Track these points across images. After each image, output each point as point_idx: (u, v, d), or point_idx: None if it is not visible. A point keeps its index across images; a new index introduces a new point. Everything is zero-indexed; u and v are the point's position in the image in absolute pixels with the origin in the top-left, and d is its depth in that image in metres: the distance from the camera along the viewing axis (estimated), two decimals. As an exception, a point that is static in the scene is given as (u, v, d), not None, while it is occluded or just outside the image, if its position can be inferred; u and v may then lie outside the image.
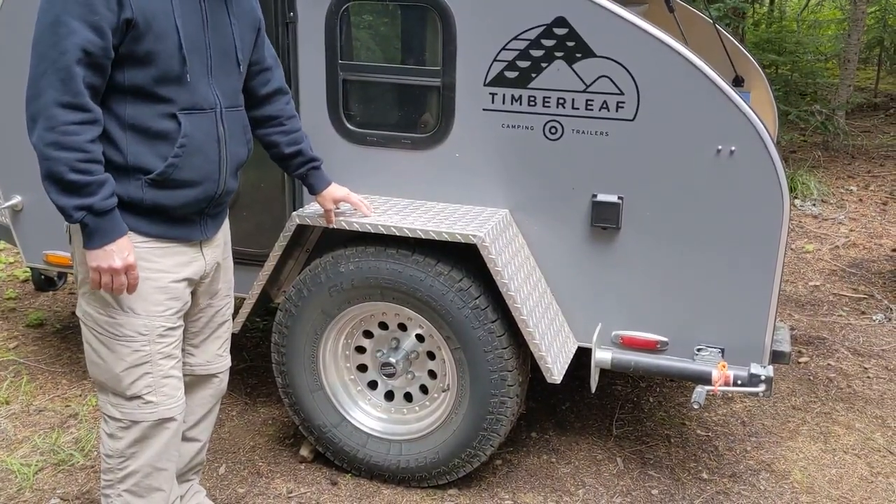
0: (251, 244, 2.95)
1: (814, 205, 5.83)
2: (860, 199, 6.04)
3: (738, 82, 3.90)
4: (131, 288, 2.02)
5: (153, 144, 1.98)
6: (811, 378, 3.60)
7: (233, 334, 2.50)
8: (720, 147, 2.44)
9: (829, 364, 3.73)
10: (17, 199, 3.21)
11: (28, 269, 4.50)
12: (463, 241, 2.49)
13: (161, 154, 1.98)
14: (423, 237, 2.52)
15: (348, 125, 2.76)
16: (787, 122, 6.95)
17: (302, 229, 2.74)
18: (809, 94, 8.26)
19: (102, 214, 1.92)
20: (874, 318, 4.20)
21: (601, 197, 2.58)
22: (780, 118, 6.72)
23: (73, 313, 4.25)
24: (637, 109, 2.49)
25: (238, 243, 2.96)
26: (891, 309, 4.29)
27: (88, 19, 1.83)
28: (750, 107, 2.45)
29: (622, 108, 2.50)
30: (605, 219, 2.59)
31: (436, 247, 2.59)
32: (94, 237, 1.94)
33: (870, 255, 5.02)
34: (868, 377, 3.62)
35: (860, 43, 7.50)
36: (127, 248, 1.98)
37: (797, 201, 5.86)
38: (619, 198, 2.57)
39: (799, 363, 3.73)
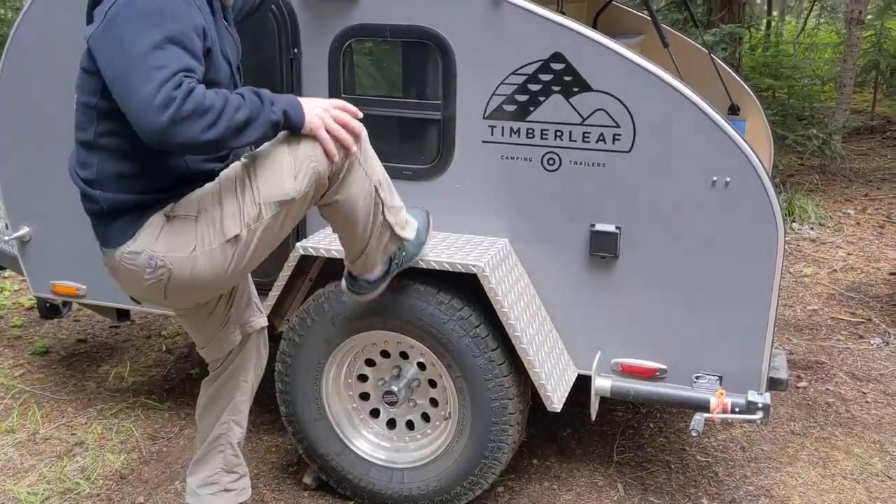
0: (255, 274, 2.99)
1: (811, 228, 5.88)
2: (857, 223, 6.09)
3: (733, 110, 3.96)
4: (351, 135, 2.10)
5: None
6: (810, 403, 3.63)
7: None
8: (715, 178, 2.49)
9: (827, 389, 3.76)
10: (24, 230, 3.26)
11: (33, 297, 4.55)
12: (464, 271, 2.53)
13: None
14: (425, 267, 2.57)
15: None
16: (784, 147, 7.01)
17: (305, 259, 2.79)
18: (806, 117, 8.33)
19: (271, 100, 1.96)
20: (872, 342, 4.24)
21: (599, 227, 2.63)
22: (777, 142, 6.79)
23: (79, 340, 4.29)
24: (633, 141, 2.54)
25: (242, 273, 3.01)
26: (889, 333, 4.32)
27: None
28: (744, 137, 2.50)
29: (618, 140, 2.56)
30: (603, 248, 2.64)
31: (437, 276, 2.63)
32: (297, 111, 2.01)
33: (867, 279, 5.06)
34: (866, 402, 3.65)
35: (856, 67, 7.58)
36: (313, 99, 2.09)
37: (795, 225, 5.91)
38: (616, 227, 2.62)
39: (798, 388, 3.76)
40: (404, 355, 2.82)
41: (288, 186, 2.07)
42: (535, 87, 2.59)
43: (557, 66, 2.55)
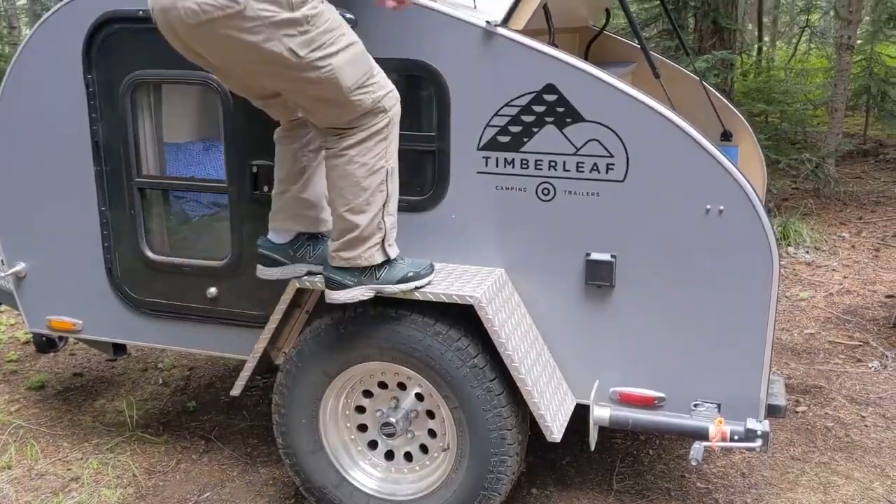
0: (252, 306, 2.99)
1: (807, 252, 5.90)
2: (853, 246, 6.11)
3: (726, 136, 3.98)
4: None
5: None
6: (809, 428, 3.62)
7: (232, 395, 2.56)
8: (709, 206, 2.50)
9: (826, 413, 3.75)
10: (20, 266, 3.26)
11: (29, 332, 4.53)
12: (460, 302, 2.53)
13: None
14: (421, 298, 2.57)
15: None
16: (777, 171, 7.05)
17: (301, 292, 2.79)
18: (799, 141, 8.39)
19: None
20: (870, 365, 4.24)
21: (595, 255, 2.64)
22: (770, 167, 6.83)
23: (76, 374, 4.28)
24: (627, 171, 2.56)
25: (239, 305, 3.02)
26: (886, 356, 4.32)
27: None
28: (737, 165, 2.52)
29: (612, 169, 2.57)
30: (599, 277, 2.64)
31: (434, 306, 2.63)
32: None
33: (864, 302, 5.07)
34: (866, 426, 3.64)
35: (847, 92, 7.64)
36: None
37: (790, 248, 5.93)
38: (612, 256, 2.63)
39: (797, 413, 3.76)
40: (402, 386, 2.81)
41: None
42: (528, 118, 2.61)
43: (550, 98, 2.57)
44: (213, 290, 3.03)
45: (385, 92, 2.44)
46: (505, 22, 2.59)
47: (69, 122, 3.04)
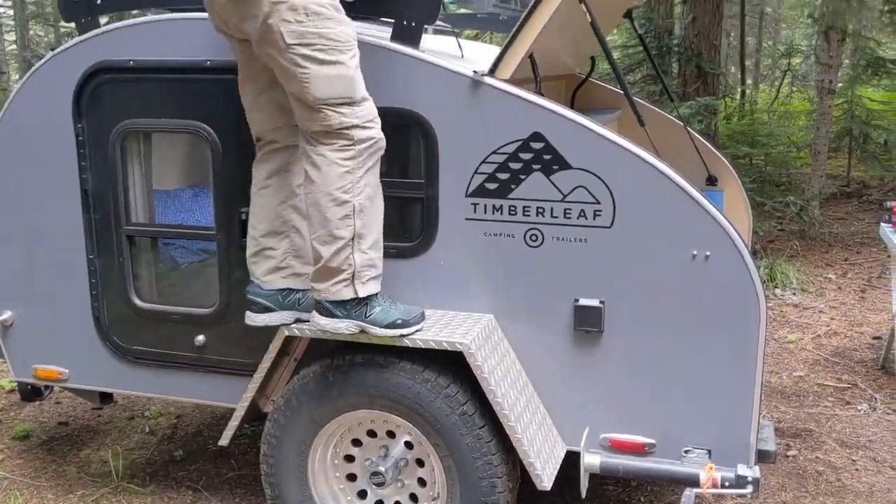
0: (240, 353, 2.98)
1: (794, 294, 5.93)
2: (839, 287, 6.15)
3: (711, 181, 4.03)
4: None
5: None
6: (800, 472, 3.61)
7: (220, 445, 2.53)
8: (695, 252, 2.53)
9: (817, 457, 3.74)
10: (6, 315, 3.24)
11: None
12: (450, 349, 2.53)
13: None
14: (410, 345, 2.57)
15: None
16: (763, 213, 7.12)
17: (290, 339, 2.78)
18: (784, 183, 8.49)
19: None
20: (859, 408, 4.24)
21: (583, 301, 2.65)
22: (755, 209, 6.89)
23: (61, 423, 4.23)
24: (613, 217, 2.58)
25: (227, 353, 3.00)
26: (875, 398, 4.33)
27: None
28: (722, 210, 2.55)
29: (599, 216, 2.60)
30: (587, 323, 2.65)
31: (423, 353, 2.63)
32: None
33: (852, 344, 5.09)
34: (856, 469, 3.63)
35: (829, 134, 7.76)
36: None
37: (777, 290, 5.96)
38: (600, 302, 2.64)
39: (788, 457, 3.74)
40: (391, 434, 2.79)
41: None
42: (516, 166, 2.64)
43: (537, 145, 2.60)
44: (200, 338, 3.02)
45: (357, 122, 2.46)
46: (492, 72, 2.63)
47: (58, 171, 3.05)
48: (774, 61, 14.50)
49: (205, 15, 2.83)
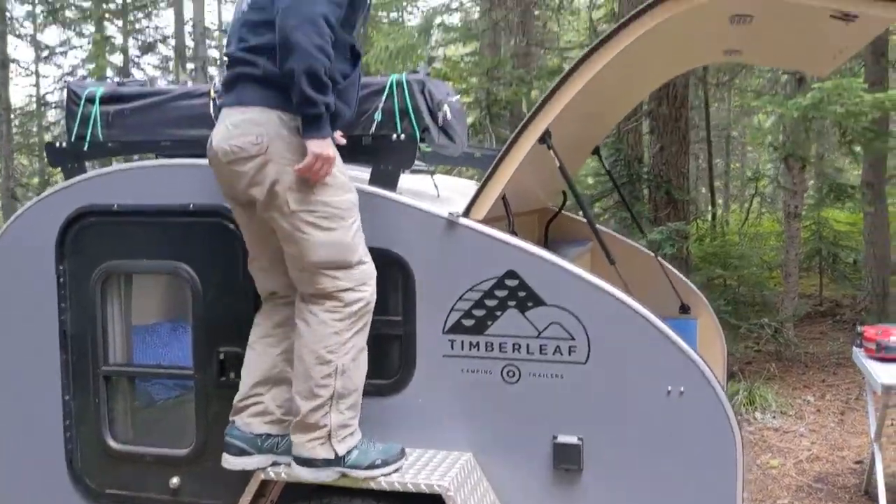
0: (215, 496, 2.92)
1: (774, 417, 5.93)
2: (818, 410, 6.16)
3: (684, 310, 4.10)
4: (326, 175, 2.47)
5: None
6: None
7: None
8: (670, 388, 2.56)
9: (806, 591, 3.66)
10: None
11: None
12: (428, 492, 2.51)
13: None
14: (388, 489, 2.54)
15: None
16: (738, 335, 7.20)
17: (266, 482, 2.74)
18: (758, 304, 8.61)
19: (328, 113, 2.43)
20: (846, 536, 4.18)
21: (561, 438, 2.65)
22: (731, 331, 6.97)
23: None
24: (588, 353, 2.62)
25: (202, 495, 2.94)
26: (861, 526, 4.27)
27: None
28: (696, 338, 2.60)
29: (574, 352, 2.64)
30: (567, 460, 2.64)
31: (402, 495, 2.59)
32: (322, 129, 2.43)
33: (833, 469, 5.06)
34: None
35: (799, 256, 7.95)
36: (331, 143, 2.48)
37: (757, 414, 5.96)
38: (579, 439, 2.64)
39: (776, 591, 3.66)
40: (370, 579, 2.71)
41: None
42: (491, 303, 2.69)
43: (512, 283, 2.67)
44: (175, 481, 2.96)
45: (351, 286, 2.54)
46: (467, 212, 2.72)
47: (38, 312, 3.07)
48: (743, 183, 14.98)
49: (189, 161, 2.94)
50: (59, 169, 3.16)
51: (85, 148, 3.11)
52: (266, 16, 2.47)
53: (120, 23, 18.72)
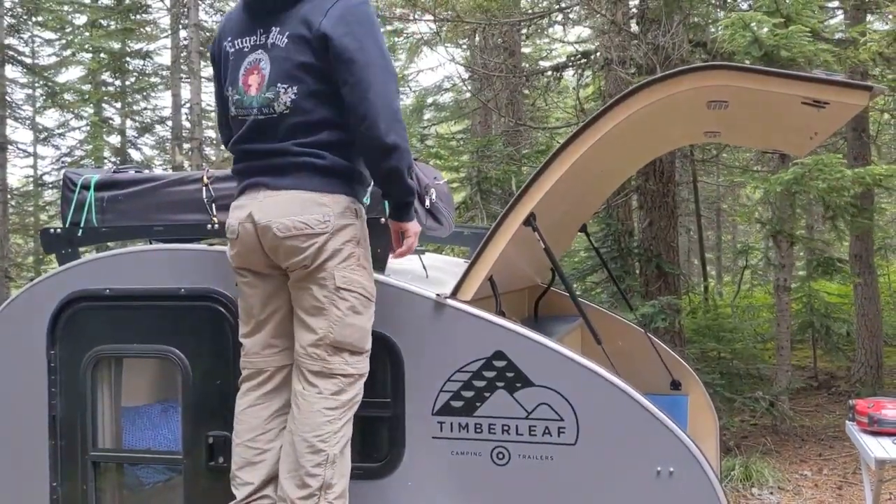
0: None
1: (771, 493, 5.86)
2: (815, 485, 6.10)
3: (675, 386, 4.11)
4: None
5: None
6: None
7: None
8: (659, 469, 2.56)
9: None
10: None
11: None
12: (418, 578, 2.48)
13: None
14: (378, 576, 2.51)
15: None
16: (733, 408, 7.17)
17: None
18: (753, 376, 8.60)
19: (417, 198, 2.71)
20: None
21: (552, 521, 2.63)
22: (726, 405, 6.95)
23: None
24: (578, 434, 2.63)
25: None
26: None
27: None
28: (686, 416, 2.61)
29: (563, 433, 2.64)
30: (557, 543, 2.62)
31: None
32: (412, 213, 2.66)
33: (834, 547, 4.98)
34: None
35: (791, 329, 7.97)
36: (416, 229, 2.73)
37: (754, 490, 5.90)
38: (569, 521, 2.62)
39: None
40: None
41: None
42: (480, 384, 2.71)
43: (500, 364, 2.69)
44: (162, 569, 2.92)
45: (354, 373, 2.60)
46: (454, 294, 2.76)
47: (27, 397, 3.06)
48: (735, 255, 15.09)
49: (180, 246, 2.99)
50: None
51: (79, 234, 3.16)
52: (316, 117, 2.55)
53: (118, 105, 19.07)
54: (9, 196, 16.91)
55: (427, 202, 2.96)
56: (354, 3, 2.53)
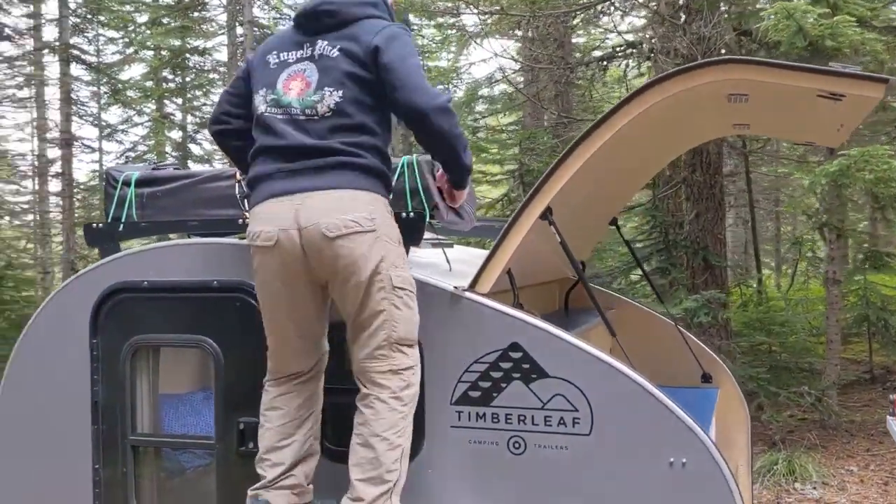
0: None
1: (814, 488, 5.79)
2: (861, 480, 6.00)
3: (706, 379, 4.10)
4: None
5: None
6: None
7: None
8: (672, 459, 2.59)
9: None
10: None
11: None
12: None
13: None
14: (394, 560, 2.59)
15: (329, 445, 2.94)
16: (778, 403, 7.07)
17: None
18: (803, 370, 8.45)
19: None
20: None
21: (567, 509, 2.69)
22: (771, 399, 6.86)
23: None
24: (592, 425, 2.68)
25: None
26: None
27: None
28: (712, 410, 2.61)
29: (578, 423, 2.69)
30: (572, 531, 2.67)
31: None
32: (466, 182, 2.89)
33: (876, 543, 4.91)
34: None
35: (840, 323, 7.82)
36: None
37: (797, 485, 5.83)
38: (584, 510, 2.67)
39: None
40: None
41: None
42: (496, 374, 2.77)
43: (516, 355, 2.75)
44: (196, 549, 3.06)
45: (412, 364, 2.69)
46: (472, 286, 2.83)
47: (72, 383, 3.23)
48: (789, 248, 14.78)
49: (213, 240, 3.11)
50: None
51: (120, 229, 3.32)
52: (357, 121, 2.66)
53: (179, 101, 19.57)
54: (75, 190, 17.52)
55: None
56: (400, 29, 2.74)
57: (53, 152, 19.69)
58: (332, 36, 2.74)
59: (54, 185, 20.03)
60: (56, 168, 19.57)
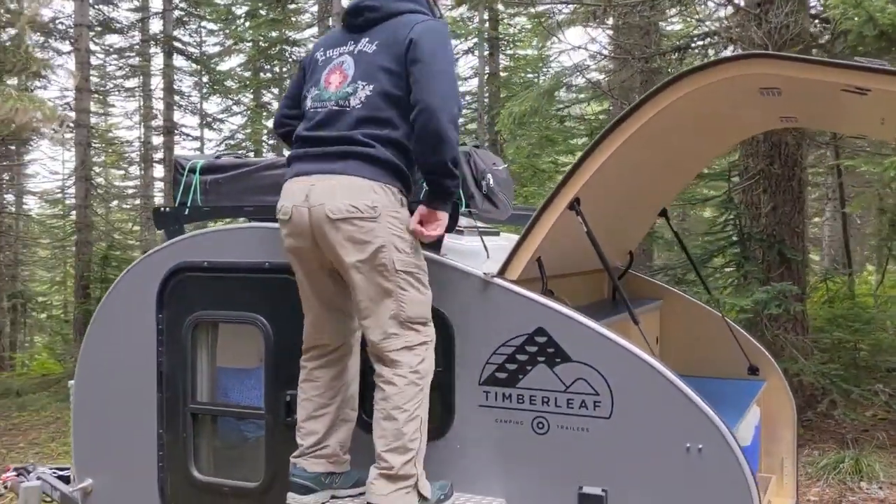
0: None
1: (880, 488, 5.65)
2: (932, 483, 5.81)
3: (752, 371, 4.10)
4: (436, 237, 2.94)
5: None
6: None
7: None
8: (689, 445, 2.66)
9: None
10: (88, 482, 3.64)
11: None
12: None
13: None
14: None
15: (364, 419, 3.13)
16: (851, 401, 6.89)
17: (318, 514, 3.02)
18: (883, 369, 8.17)
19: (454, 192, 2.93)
20: None
21: (587, 489, 2.79)
22: (842, 395, 6.70)
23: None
24: (612, 408, 2.77)
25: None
26: None
27: None
28: (751, 402, 2.64)
29: (599, 406, 2.79)
30: (591, 510, 2.77)
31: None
32: (448, 205, 2.87)
33: (939, 546, 4.78)
34: None
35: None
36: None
37: (863, 484, 5.70)
38: (603, 491, 2.77)
39: None
40: None
41: None
42: (522, 357, 2.89)
43: (541, 339, 2.86)
44: (247, 510, 3.29)
45: (427, 340, 2.85)
46: (501, 273, 2.95)
47: (141, 354, 3.52)
48: (878, 244, 14.19)
49: (266, 225, 3.33)
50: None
51: (185, 213, 3.58)
52: (383, 115, 2.82)
53: (275, 91, 20.21)
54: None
55: (484, 187, 3.15)
56: (438, 24, 2.88)
57: (157, 140, 20.73)
58: (375, 31, 2.91)
59: (158, 171, 21.09)
60: (159, 155, 20.58)
